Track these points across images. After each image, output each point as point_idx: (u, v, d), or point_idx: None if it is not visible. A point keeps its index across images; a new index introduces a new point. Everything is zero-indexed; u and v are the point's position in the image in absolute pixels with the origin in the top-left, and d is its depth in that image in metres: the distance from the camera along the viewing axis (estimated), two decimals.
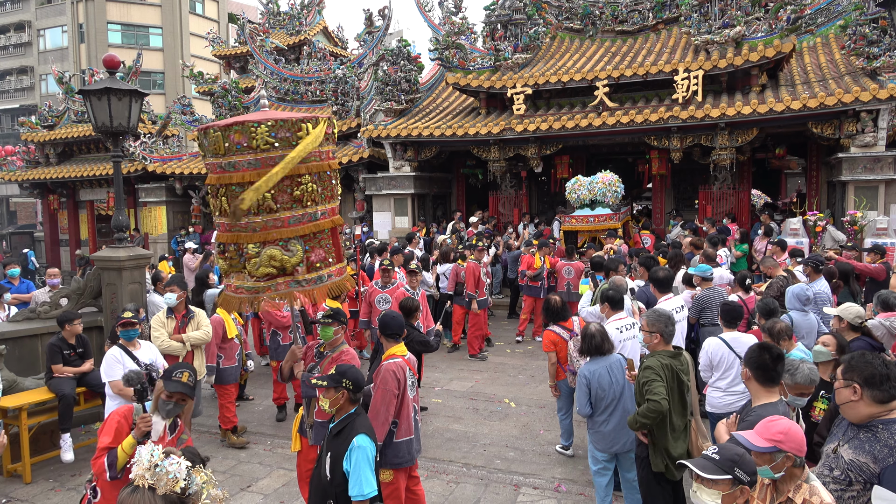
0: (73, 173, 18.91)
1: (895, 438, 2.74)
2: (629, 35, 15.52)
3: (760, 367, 3.50)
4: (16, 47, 42.61)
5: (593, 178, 12.02)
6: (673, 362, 4.24)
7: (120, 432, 3.62)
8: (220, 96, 17.73)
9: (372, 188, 15.74)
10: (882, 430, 2.78)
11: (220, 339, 6.79)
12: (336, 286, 4.18)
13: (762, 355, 3.52)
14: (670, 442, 4.13)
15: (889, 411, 2.82)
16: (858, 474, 2.77)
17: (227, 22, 42.47)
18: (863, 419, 2.85)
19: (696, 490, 2.54)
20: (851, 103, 10.83)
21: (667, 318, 4.36)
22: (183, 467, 2.19)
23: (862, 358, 2.93)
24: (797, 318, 6.14)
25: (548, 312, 6.24)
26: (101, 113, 7.18)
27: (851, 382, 2.87)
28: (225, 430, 6.87)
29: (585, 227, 12.07)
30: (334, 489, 3.46)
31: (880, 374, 2.82)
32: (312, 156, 3.94)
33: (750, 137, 12.11)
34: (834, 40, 13.88)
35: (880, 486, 2.68)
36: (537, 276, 10.79)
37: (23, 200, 31.47)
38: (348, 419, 3.57)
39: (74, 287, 7.81)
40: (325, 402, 3.55)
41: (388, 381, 4.32)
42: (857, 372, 2.87)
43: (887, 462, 2.70)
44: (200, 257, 13.92)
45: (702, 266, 7.35)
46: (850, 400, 2.87)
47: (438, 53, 15.42)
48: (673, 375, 4.18)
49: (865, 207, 11.20)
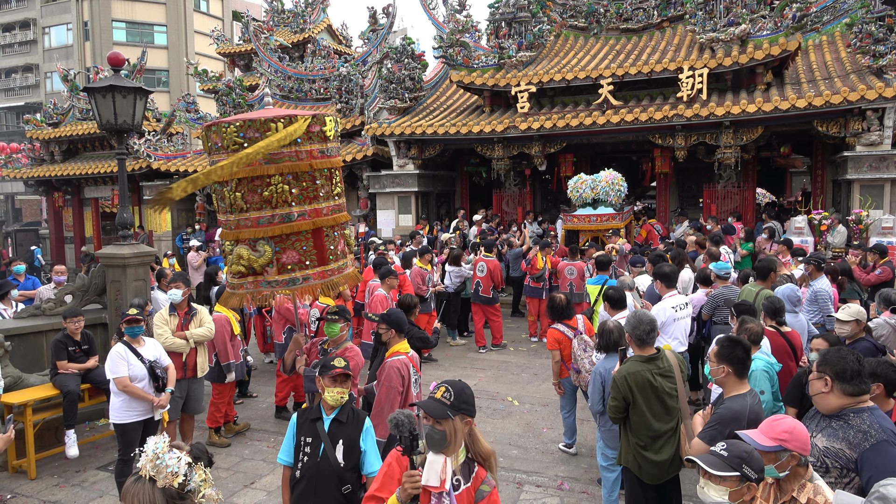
0: (77, 171, 18.96)
1: (867, 423, 2.91)
2: (634, 33, 15.48)
3: (739, 362, 3.58)
4: (21, 45, 42.73)
5: (596, 176, 11.81)
6: (644, 367, 4.03)
7: (391, 478, 2.73)
8: (225, 94, 17.76)
9: (375, 186, 15.74)
10: (853, 417, 2.97)
11: (230, 336, 6.84)
12: (324, 287, 4.03)
13: (736, 350, 3.61)
14: (653, 446, 4.02)
15: (858, 403, 3.00)
16: (835, 460, 2.94)
17: (231, 20, 42.51)
18: (833, 410, 3.02)
19: (703, 486, 2.58)
20: (857, 102, 10.78)
21: (637, 320, 4.14)
22: (183, 463, 2.20)
23: (837, 353, 3.10)
24: (787, 319, 6.13)
25: (552, 311, 6.23)
26: (105, 110, 7.19)
27: (824, 375, 3.05)
28: (210, 427, 6.87)
29: (587, 226, 11.89)
30: (349, 473, 3.55)
31: (852, 370, 2.98)
32: (286, 156, 3.79)
33: (755, 136, 12.07)
34: (840, 38, 13.82)
35: (857, 470, 2.85)
36: (539, 276, 10.63)
37: (28, 198, 31.58)
38: (348, 406, 3.66)
39: (79, 284, 7.84)
40: (332, 392, 3.55)
41: (393, 378, 4.33)
42: (830, 366, 3.04)
43: (863, 446, 2.87)
44: (204, 255, 13.98)
45: (722, 263, 7.33)
46: (821, 391, 3.06)
47: (442, 51, 15.41)
48: (643, 383, 3.98)
49: (870, 206, 11.15)
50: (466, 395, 2.61)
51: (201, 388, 6.55)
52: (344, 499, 3.57)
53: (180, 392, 6.18)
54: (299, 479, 3.59)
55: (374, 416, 4.34)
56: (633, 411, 4.06)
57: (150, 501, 2.12)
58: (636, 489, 4.17)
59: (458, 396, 2.58)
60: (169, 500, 2.14)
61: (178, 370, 6.13)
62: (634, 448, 4.08)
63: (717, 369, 3.63)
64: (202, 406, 6.62)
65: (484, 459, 2.66)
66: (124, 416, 5.27)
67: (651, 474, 4.06)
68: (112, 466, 6.05)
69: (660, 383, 4.01)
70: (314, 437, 3.59)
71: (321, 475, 3.53)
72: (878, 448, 2.83)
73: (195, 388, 6.42)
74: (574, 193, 11.96)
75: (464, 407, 2.57)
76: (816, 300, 7.17)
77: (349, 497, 3.58)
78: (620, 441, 4.29)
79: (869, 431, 2.89)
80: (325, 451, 3.54)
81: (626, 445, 4.17)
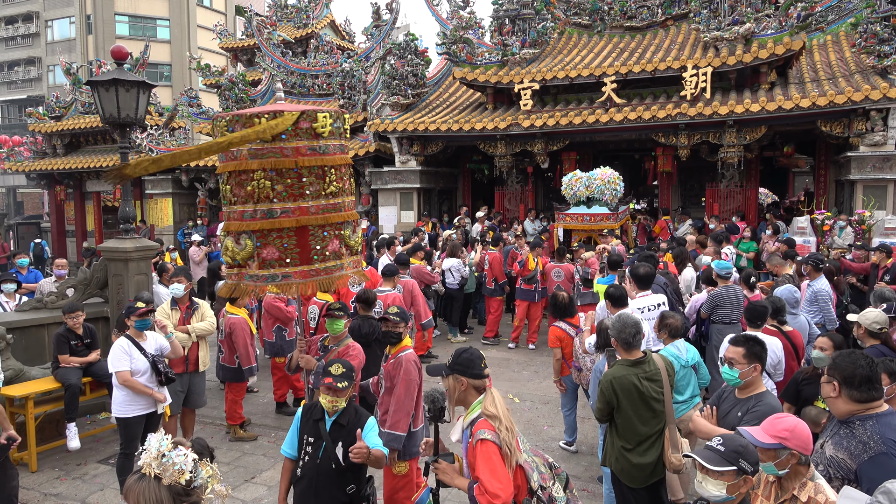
0: (79, 164, 18.95)
1: (868, 434, 2.82)
2: (638, 31, 15.44)
3: (765, 360, 3.63)
4: (24, 38, 42.73)
5: (591, 174, 11.40)
6: (630, 372, 4.01)
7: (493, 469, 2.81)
8: (227, 89, 17.74)
9: (378, 182, 15.73)
10: (858, 426, 2.89)
11: (251, 338, 6.88)
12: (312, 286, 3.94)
13: (760, 348, 3.63)
14: (637, 450, 4.01)
15: (868, 409, 2.90)
16: (837, 470, 2.86)
17: (234, 14, 42.42)
18: (842, 415, 2.97)
19: (700, 480, 2.62)
20: (861, 102, 10.76)
21: (622, 323, 4.11)
22: (189, 459, 2.18)
23: (848, 357, 3.00)
24: (787, 319, 6.12)
25: (555, 308, 6.21)
26: (108, 104, 7.19)
27: (832, 379, 2.98)
28: (232, 424, 6.92)
29: (581, 226, 11.48)
30: (352, 473, 3.55)
31: (861, 376, 2.88)
32: (268, 151, 3.74)
33: (758, 135, 12.05)
34: (844, 38, 13.78)
35: (857, 482, 2.76)
36: (531, 278, 10.08)
37: (30, 191, 31.54)
38: (349, 408, 3.66)
39: (81, 278, 7.84)
40: (324, 398, 3.58)
41: (412, 371, 4.35)
42: (839, 370, 2.96)
43: (861, 458, 2.79)
44: (205, 249, 13.98)
45: (722, 263, 7.32)
46: (830, 396, 3.00)
47: (446, 48, 15.38)
48: (629, 387, 3.96)
49: (874, 207, 11.13)
50: (462, 359, 3.00)
51: (203, 382, 6.56)
52: (348, 498, 3.56)
53: (182, 386, 6.19)
54: (300, 477, 3.59)
55: (396, 411, 4.33)
56: (618, 415, 4.05)
57: (156, 500, 2.10)
58: (623, 489, 4.16)
59: (454, 358, 3.03)
60: (175, 498, 2.13)
61: (179, 365, 6.14)
62: (619, 450, 4.07)
63: (748, 369, 3.60)
64: (203, 400, 6.63)
65: (489, 417, 2.90)
66: (127, 411, 5.27)
67: (634, 477, 4.04)
68: (113, 460, 6.06)
69: (646, 387, 3.97)
70: (316, 437, 3.60)
71: (322, 475, 3.54)
72: (876, 461, 2.76)
73: (196, 382, 6.43)
74: (568, 191, 11.61)
75: (457, 367, 2.98)
76: (816, 300, 7.17)
77: (353, 496, 3.57)
78: (605, 442, 4.30)
79: (868, 443, 2.81)
80: (326, 452, 3.55)
81: (611, 447, 4.17)
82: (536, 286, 10.12)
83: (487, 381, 3.03)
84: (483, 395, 2.98)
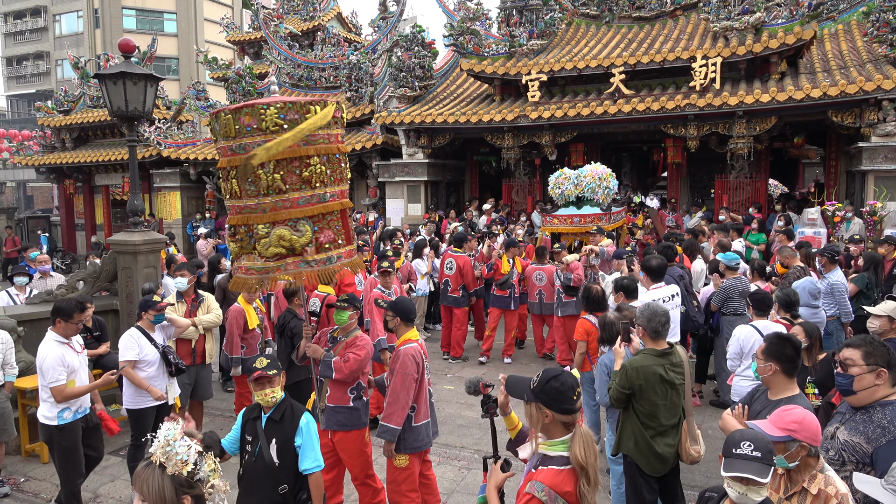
0: (88, 158, 19.05)
1: (887, 418, 2.89)
2: (646, 21, 15.31)
3: (788, 360, 3.39)
4: (32, 32, 42.91)
5: (581, 170, 10.25)
6: (657, 362, 4.01)
7: None
8: (234, 82, 17.75)
9: (385, 175, 15.72)
10: (878, 410, 2.94)
11: (241, 329, 6.71)
12: (348, 266, 4.14)
13: (785, 348, 3.41)
14: (656, 438, 4.03)
15: (891, 395, 2.97)
16: (852, 454, 2.91)
17: (241, 7, 42.44)
18: (874, 401, 2.99)
19: (743, 492, 2.42)
20: (873, 91, 10.63)
21: (652, 312, 4.10)
22: (193, 451, 2.19)
23: (881, 344, 3.07)
24: (805, 314, 6.07)
25: (587, 301, 6.01)
26: (116, 97, 7.20)
27: (876, 367, 2.99)
28: None
29: (569, 228, 10.15)
30: (285, 472, 3.57)
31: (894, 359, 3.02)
32: (321, 137, 3.91)
33: (768, 126, 11.93)
34: (856, 27, 13.61)
35: (873, 465, 2.81)
36: (505, 282, 8.93)
37: (39, 185, 31.78)
38: (285, 404, 3.69)
39: (90, 271, 7.89)
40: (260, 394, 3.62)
41: (408, 366, 4.34)
42: (880, 357, 3.01)
43: (879, 442, 2.85)
44: (213, 242, 14.04)
45: (729, 254, 7.27)
46: (875, 384, 2.99)
47: (453, 39, 15.31)
48: (654, 377, 3.97)
49: (885, 198, 11.02)
50: (550, 388, 2.52)
51: (209, 374, 6.60)
52: (281, 498, 3.56)
53: (189, 379, 6.22)
54: (241, 476, 3.65)
55: (390, 404, 4.34)
56: (641, 403, 4.06)
57: (158, 488, 2.12)
58: (637, 478, 4.15)
59: (540, 384, 2.55)
60: (178, 488, 2.14)
61: (187, 357, 6.18)
62: (642, 437, 4.07)
63: (765, 367, 3.46)
64: (210, 392, 6.67)
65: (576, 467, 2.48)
66: (138, 402, 5.31)
67: (653, 465, 4.06)
68: (124, 451, 6.11)
69: (671, 378, 4.02)
70: (253, 436, 3.64)
71: (258, 474, 3.57)
72: (894, 445, 2.80)
73: (203, 374, 6.47)
74: (555, 191, 10.39)
75: (542, 397, 2.52)
76: (832, 293, 7.11)
77: (286, 496, 3.57)
78: (619, 429, 4.28)
79: (888, 427, 2.86)
80: (261, 450, 3.57)
81: (628, 433, 4.16)
82: (512, 292, 8.97)
83: (579, 416, 2.57)
84: (572, 433, 2.51)
